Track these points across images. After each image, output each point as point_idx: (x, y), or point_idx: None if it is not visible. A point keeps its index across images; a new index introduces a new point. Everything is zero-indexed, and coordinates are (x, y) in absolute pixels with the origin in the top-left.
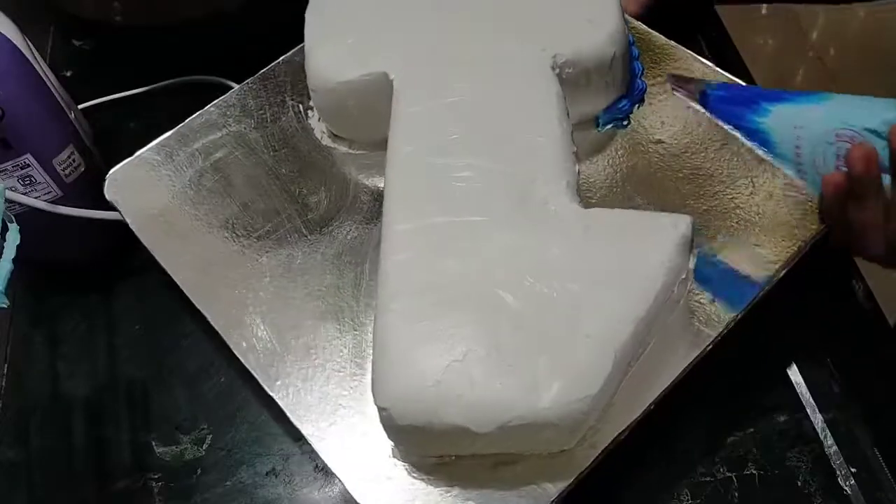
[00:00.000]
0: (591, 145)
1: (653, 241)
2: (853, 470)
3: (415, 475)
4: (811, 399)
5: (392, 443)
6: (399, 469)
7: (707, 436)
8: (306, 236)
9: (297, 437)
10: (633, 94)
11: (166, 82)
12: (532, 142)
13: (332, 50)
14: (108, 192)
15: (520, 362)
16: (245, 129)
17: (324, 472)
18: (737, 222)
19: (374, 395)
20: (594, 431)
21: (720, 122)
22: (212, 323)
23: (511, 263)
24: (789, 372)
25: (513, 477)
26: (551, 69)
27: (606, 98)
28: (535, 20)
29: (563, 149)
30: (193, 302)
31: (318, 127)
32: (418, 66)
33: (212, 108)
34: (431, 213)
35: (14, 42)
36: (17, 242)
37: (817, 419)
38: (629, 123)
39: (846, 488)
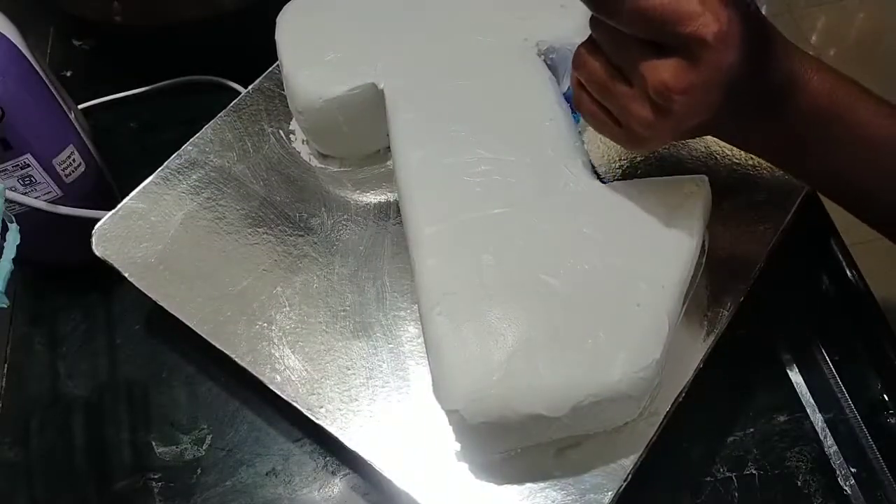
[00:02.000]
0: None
1: (679, 204)
2: (853, 470)
3: (482, 476)
4: (811, 399)
5: (459, 445)
6: (466, 472)
7: (707, 436)
8: (317, 259)
9: (296, 437)
10: None
11: (166, 82)
12: (539, 127)
13: (313, 69)
14: (98, 249)
15: (580, 342)
16: (228, 162)
17: (326, 470)
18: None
19: (440, 401)
20: (651, 399)
21: None
22: (239, 362)
23: (547, 248)
24: (789, 372)
25: (580, 459)
26: (538, 56)
27: None
28: (511, 12)
29: (569, 129)
30: (216, 345)
31: (304, 150)
32: (405, 71)
33: (189, 147)
34: (456, 212)
35: (14, 42)
36: (17, 242)
37: (817, 419)
38: None
39: (846, 488)
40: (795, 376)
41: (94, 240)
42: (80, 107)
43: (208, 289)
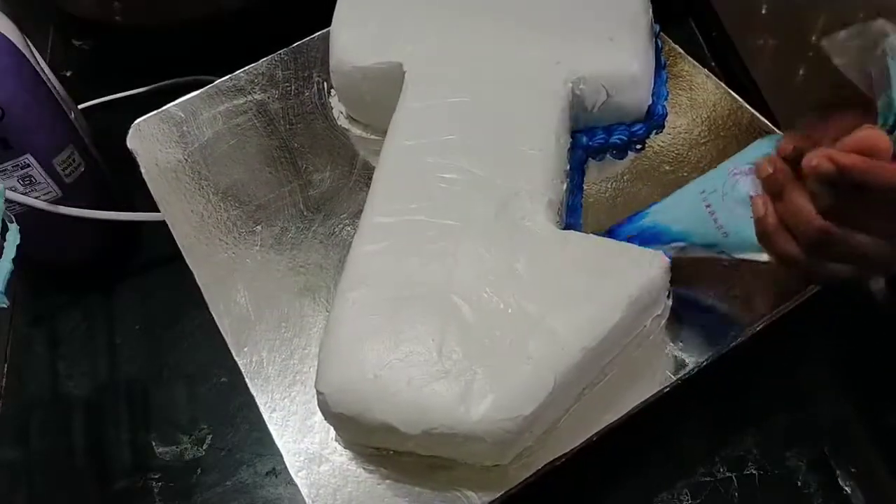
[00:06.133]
0: (598, 166)
1: (621, 273)
2: (853, 470)
3: (353, 461)
4: (811, 399)
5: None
6: (339, 453)
7: (707, 436)
8: (303, 212)
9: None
10: (651, 118)
11: (166, 82)
12: (524, 153)
13: (354, 33)
14: (130, 142)
15: (458, 371)
16: (268, 98)
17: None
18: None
19: (315, 378)
20: (531, 451)
21: None
22: (197, 280)
23: (474, 273)
24: (789, 372)
25: (445, 481)
26: (563, 83)
27: (620, 120)
28: (557, 32)
29: (553, 166)
30: (185, 256)
31: (338, 107)
32: (433, 62)
33: (241, 74)
34: (412, 210)
35: (14, 42)
36: (17, 242)
37: (817, 420)
38: (643, 149)
39: (846, 488)
40: (796, 376)
41: (130, 132)
42: (80, 107)
43: (201, 207)
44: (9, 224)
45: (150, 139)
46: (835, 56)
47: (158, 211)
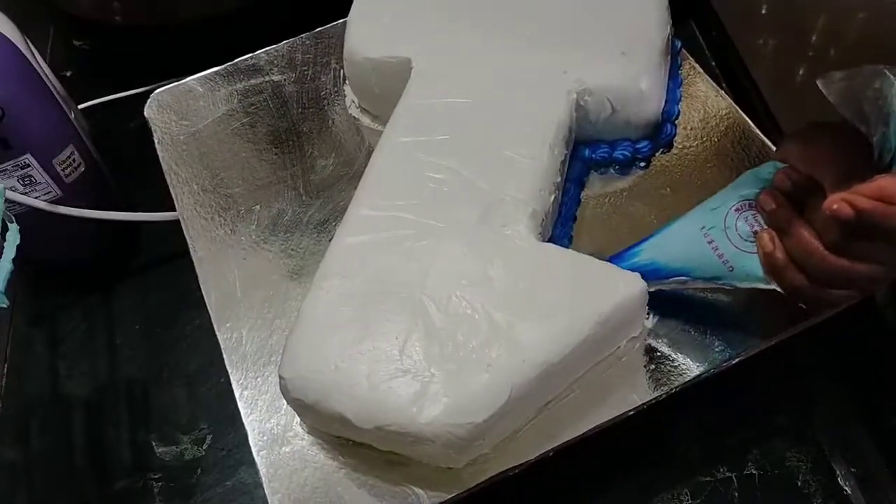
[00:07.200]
0: (601, 179)
1: (594, 292)
2: (853, 470)
3: (314, 447)
4: (811, 399)
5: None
6: (301, 437)
7: (707, 436)
8: (302, 196)
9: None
10: (659, 137)
11: (166, 82)
12: (514, 161)
13: (369, 25)
14: (148, 110)
15: (416, 371)
16: (285, 80)
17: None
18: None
19: (280, 363)
20: (487, 458)
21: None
22: (191, 252)
23: (448, 275)
24: (789, 372)
25: (399, 477)
26: (567, 93)
27: (626, 135)
28: (568, 41)
29: (542, 176)
30: (184, 229)
31: (350, 96)
32: (440, 60)
33: (261, 54)
34: (398, 207)
35: (14, 42)
36: (17, 242)
37: (817, 419)
38: (647, 167)
39: (846, 488)
40: (796, 376)
41: (149, 100)
42: (80, 107)
43: (205, 182)
44: (9, 224)
45: (166, 109)
46: (830, 95)
47: (158, 211)
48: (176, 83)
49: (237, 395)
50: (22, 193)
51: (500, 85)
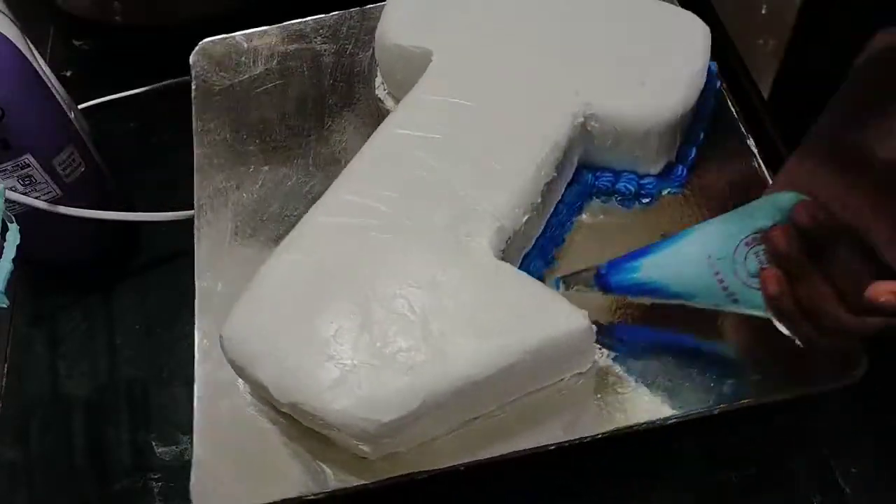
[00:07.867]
0: (602, 207)
1: (531, 321)
2: (853, 470)
3: (251, 406)
4: (811, 399)
5: None
6: (241, 395)
7: (707, 436)
8: (309, 167)
9: None
10: (668, 177)
11: (166, 82)
12: (498, 173)
13: (403, 11)
14: (193, 58)
15: (341, 359)
16: (325, 51)
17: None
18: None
19: (225, 321)
20: (401, 457)
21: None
22: (194, 193)
23: (398, 273)
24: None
25: (318, 451)
26: (573, 115)
27: (633, 167)
28: (589, 62)
29: (520, 194)
30: (194, 173)
31: (380, 77)
32: (458, 59)
33: (310, 21)
34: (375, 196)
35: (14, 42)
36: (17, 242)
37: (817, 419)
38: (651, 203)
39: (846, 488)
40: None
41: (196, 48)
42: (80, 107)
43: (225, 134)
44: (9, 224)
45: (209, 59)
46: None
47: (158, 211)
48: (224, 36)
49: (196, 341)
50: (22, 193)
51: (509, 95)
